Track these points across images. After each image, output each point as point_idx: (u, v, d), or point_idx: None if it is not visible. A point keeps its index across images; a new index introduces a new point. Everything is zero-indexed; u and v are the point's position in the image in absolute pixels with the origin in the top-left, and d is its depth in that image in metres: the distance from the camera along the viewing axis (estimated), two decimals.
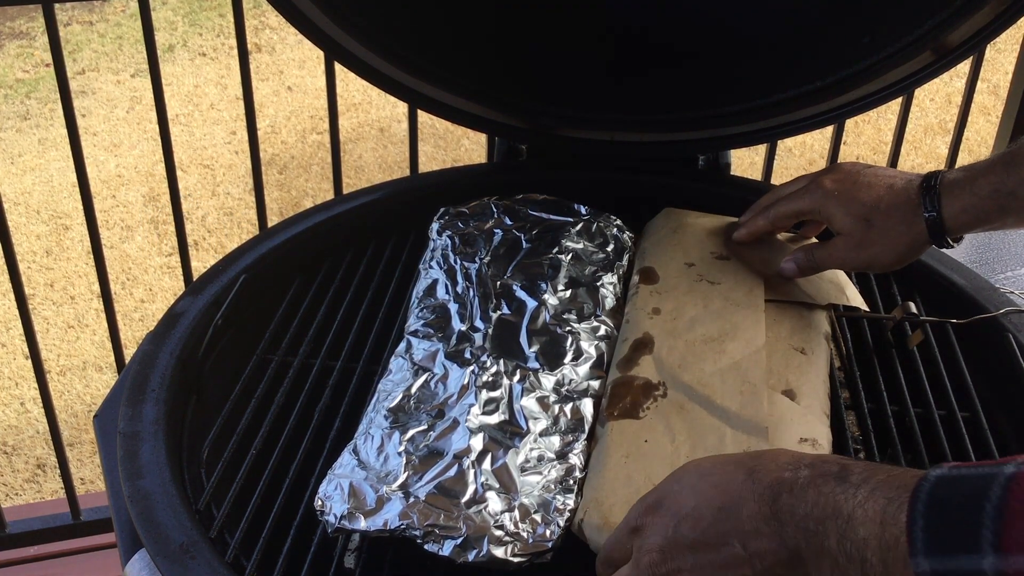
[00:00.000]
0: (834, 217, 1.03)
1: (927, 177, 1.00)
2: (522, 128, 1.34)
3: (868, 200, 1.01)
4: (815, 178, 1.07)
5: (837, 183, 1.03)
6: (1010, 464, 0.56)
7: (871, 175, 1.03)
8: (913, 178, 1.02)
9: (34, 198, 3.89)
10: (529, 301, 1.08)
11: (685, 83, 1.28)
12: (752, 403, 0.92)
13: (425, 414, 0.94)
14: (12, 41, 5.00)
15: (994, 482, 0.55)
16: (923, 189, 0.99)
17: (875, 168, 1.04)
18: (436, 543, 0.82)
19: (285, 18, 1.17)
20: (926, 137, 4.26)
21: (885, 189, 1.01)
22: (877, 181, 1.02)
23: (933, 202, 0.98)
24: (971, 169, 0.99)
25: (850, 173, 1.04)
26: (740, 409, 0.92)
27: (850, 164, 1.06)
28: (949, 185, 0.98)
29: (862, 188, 1.02)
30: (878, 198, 1.01)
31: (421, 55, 1.24)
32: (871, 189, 1.02)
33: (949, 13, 1.11)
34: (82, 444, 2.87)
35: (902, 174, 1.03)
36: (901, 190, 1.00)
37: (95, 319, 3.30)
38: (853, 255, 1.03)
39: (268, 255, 1.19)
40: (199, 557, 0.82)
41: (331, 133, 1.92)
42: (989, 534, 0.54)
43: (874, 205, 1.00)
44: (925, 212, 0.98)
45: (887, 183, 1.02)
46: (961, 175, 0.98)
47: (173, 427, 0.97)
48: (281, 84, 4.65)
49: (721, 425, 0.91)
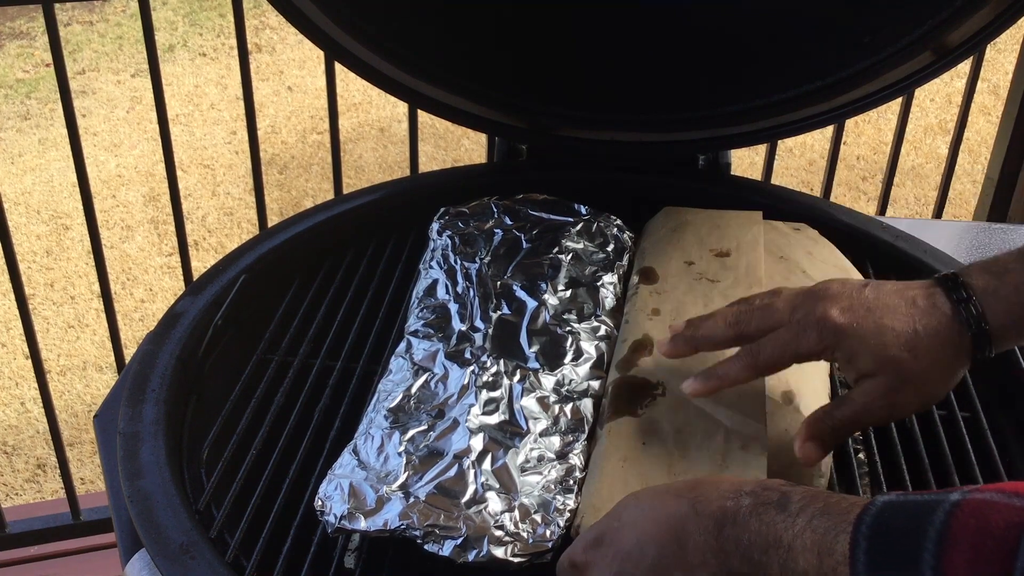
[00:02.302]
0: (858, 357, 0.82)
1: (950, 286, 0.83)
2: (522, 128, 1.34)
3: (902, 327, 0.81)
4: (811, 310, 0.84)
5: (848, 313, 0.82)
6: (956, 492, 0.57)
7: (877, 292, 0.84)
8: (929, 289, 0.84)
9: (34, 198, 3.89)
10: (529, 301, 1.08)
11: (685, 83, 1.28)
12: (750, 406, 0.92)
13: (425, 414, 0.94)
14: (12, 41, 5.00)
15: (938, 508, 0.56)
16: (957, 302, 0.82)
17: (872, 284, 0.86)
18: (436, 543, 0.82)
19: (285, 18, 1.17)
20: (926, 137, 4.26)
21: (909, 308, 0.82)
22: (892, 300, 0.83)
23: (975, 314, 0.81)
24: (994, 270, 0.83)
25: (855, 297, 0.83)
26: (738, 412, 0.92)
27: (839, 285, 0.85)
28: (983, 293, 0.82)
29: (883, 313, 0.82)
30: (911, 321, 0.81)
31: (421, 55, 1.24)
32: (895, 313, 0.82)
33: (949, 13, 1.11)
34: (82, 444, 2.87)
35: (907, 286, 0.85)
36: (929, 307, 0.82)
37: (95, 319, 3.30)
38: (895, 399, 0.82)
39: (268, 255, 1.19)
40: (199, 557, 0.82)
41: (331, 133, 1.92)
42: (930, 557, 0.54)
43: (912, 332, 0.81)
44: (969, 329, 0.81)
45: (904, 299, 0.83)
46: (989, 280, 0.82)
47: (173, 427, 0.97)
48: (281, 84, 4.65)
49: (719, 427, 0.91)
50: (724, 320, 0.88)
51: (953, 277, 0.83)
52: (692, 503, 0.69)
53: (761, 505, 0.65)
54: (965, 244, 1.52)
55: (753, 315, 0.86)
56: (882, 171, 2.78)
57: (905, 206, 3.89)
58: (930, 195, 3.88)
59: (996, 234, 1.55)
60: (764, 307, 0.86)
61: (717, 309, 0.92)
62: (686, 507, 0.69)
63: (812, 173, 4.03)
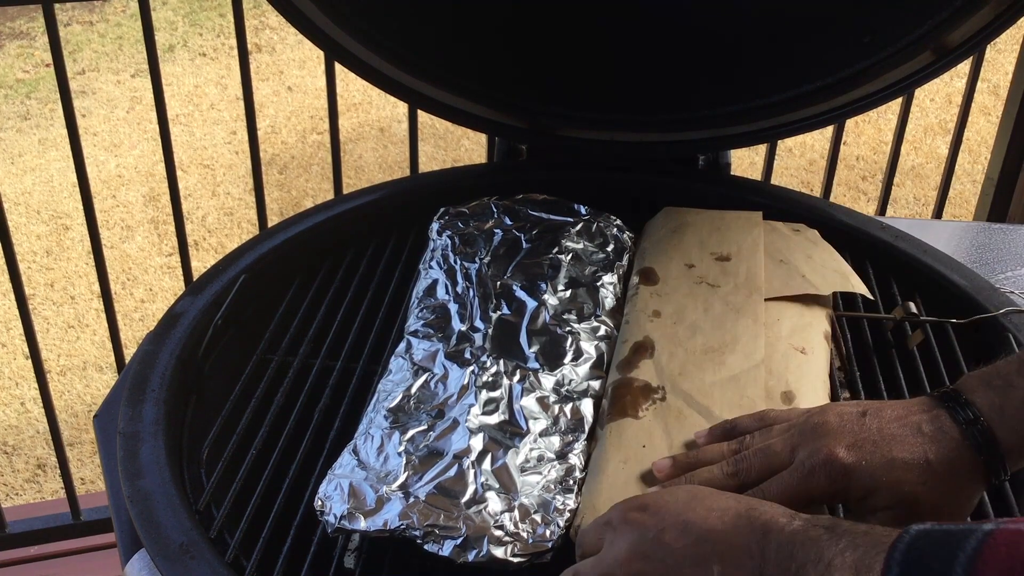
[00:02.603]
0: (873, 495, 0.77)
1: (953, 406, 0.79)
2: (522, 128, 1.34)
3: (913, 459, 0.77)
4: (814, 450, 0.79)
5: (855, 451, 0.78)
6: (989, 523, 0.58)
7: (879, 421, 0.80)
8: (932, 412, 0.79)
9: (34, 198, 3.89)
10: (529, 301, 1.08)
11: (685, 83, 1.28)
12: (751, 409, 0.92)
13: (425, 414, 0.94)
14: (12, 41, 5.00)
15: (972, 536, 0.57)
16: (964, 425, 0.78)
17: (871, 411, 0.81)
18: (436, 543, 0.82)
19: (285, 18, 1.17)
20: (926, 137, 4.26)
21: (916, 437, 0.78)
22: (896, 429, 0.79)
23: (986, 438, 0.77)
24: (996, 384, 0.79)
25: (857, 430, 0.79)
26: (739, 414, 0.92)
27: (836, 417, 0.81)
28: (989, 411, 0.78)
29: (891, 445, 0.78)
30: (922, 452, 0.77)
31: (421, 55, 1.24)
32: (902, 444, 0.77)
33: (949, 13, 1.11)
34: (82, 444, 2.87)
35: (908, 411, 0.80)
36: (935, 432, 0.78)
37: (95, 319, 3.30)
38: None
39: (268, 255, 1.19)
40: (199, 557, 0.82)
41: (331, 133, 1.92)
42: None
43: (924, 464, 0.77)
44: (981, 454, 0.77)
45: (909, 426, 0.79)
46: (993, 396, 0.79)
47: (173, 427, 0.97)
48: (281, 84, 4.65)
49: None
50: (722, 471, 0.83)
51: (955, 395, 0.80)
52: (748, 506, 0.72)
53: (812, 527, 0.67)
54: (965, 244, 1.52)
55: (752, 462, 0.82)
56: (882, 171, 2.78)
57: (905, 206, 3.89)
58: (930, 195, 3.88)
59: (996, 234, 1.55)
60: (762, 450, 0.82)
61: (698, 439, 0.89)
62: (742, 507, 0.72)
63: (812, 173, 4.03)
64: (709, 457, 0.85)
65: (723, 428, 0.89)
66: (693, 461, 0.85)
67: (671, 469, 0.85)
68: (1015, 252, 1.51)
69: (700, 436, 0.89)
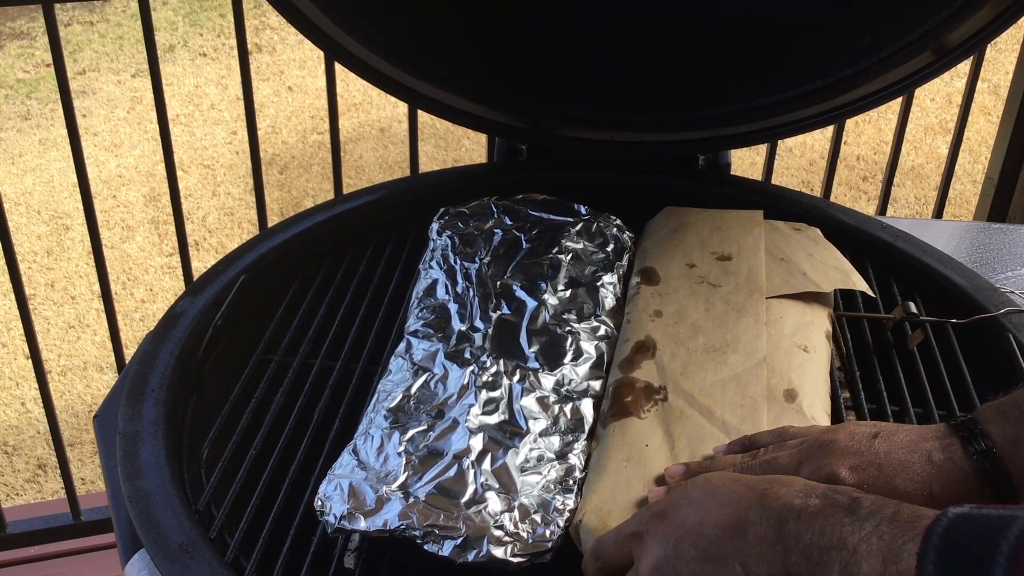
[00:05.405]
0: None
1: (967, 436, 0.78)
2: (522, 128, 1.34)
3: (916, 490, 0.76)
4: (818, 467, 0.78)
5: (858, 472, 0.77)
6: None
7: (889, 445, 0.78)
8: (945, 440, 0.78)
9: (35, 198, 3.89)
10: (529, 301, 1.08)
11: (685, 83, 1.28)
12: (752, 416, 0.93)
13: (425, 414, 0.94)
14: (13, 41, 5.00)
15: (1014, 523, 0.55)
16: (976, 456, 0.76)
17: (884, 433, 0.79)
18: (436, 543, 0.82)
19: (285, 18, 1.17)
20: (926, 137, 4.26)
21: (924, 465, 0.77)
22: (906, 455, 0.77)
23: (997, 469, 0.76)
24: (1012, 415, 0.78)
25: (865, 452, 0.78)
26: (740, 422, 0.92)
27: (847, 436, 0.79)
28: (1003, 442, 0.77)
29: (896, 471, 0.77)
30: (927, 483, 0.76)
31: (421, 55, 1.24)
32: (909, 471, 0.77)
33: (949, 13, 1.11)
34: (82, 444, 2.88)
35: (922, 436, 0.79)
36: (946, 462, 0.77)
37: (95, 319, 3.31)
38: None
39: (268, 255, 1.19)
40: (199, 557, 0.81)
41: (331, 133, 1.92)
42: (1001, 572, 0.54)
43: (928, 495, 0.75)
44: (991, 487, 0.75)
45: (919, 453, 0.77)
46: (1008, 427, 0.77)
47: (173, 427, 0.97)
48: (281, 84, 4.65)
49: (720, 435, 0.91)
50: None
51: (970, 424, 0.78)
52: (761, 495, 0.70)
53: (830, 506, 0.65)
54: (965, 244, 1.52)
55: (756, 472, 0.81)
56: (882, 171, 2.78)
57: (905, 206, 3.89)
58: (930, 195, 3.88)
59: (996, 234, 1.55)
60: (768, 462, 0.82)
61: (717, 454, 0.88)
62: (753, 498, 0.70)
63: (812, 173, 4.03)
64: (721, 466, 0.85)
65: (742, 443, 0.89)
66: (705, 469, 0.86)
67: (683, 477, 0.86)
68: (1015, 252, 1.51)
69: (719, 450, 0.89)
